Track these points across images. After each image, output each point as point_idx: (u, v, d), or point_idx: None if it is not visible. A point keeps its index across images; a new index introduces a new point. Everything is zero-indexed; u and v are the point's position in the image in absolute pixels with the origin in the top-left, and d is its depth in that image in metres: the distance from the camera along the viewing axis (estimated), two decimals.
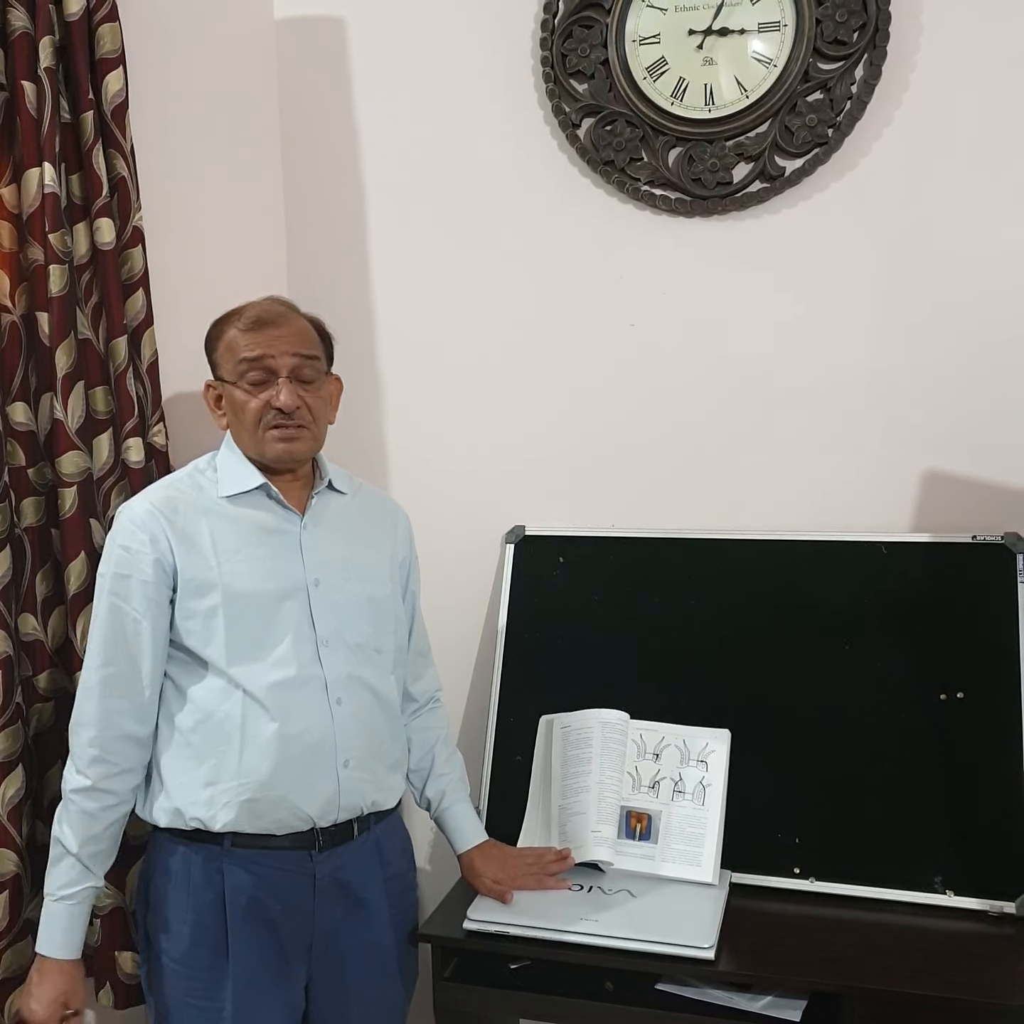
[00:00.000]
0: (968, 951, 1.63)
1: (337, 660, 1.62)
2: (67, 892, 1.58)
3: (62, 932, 1.58)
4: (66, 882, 1.58)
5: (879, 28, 1.87)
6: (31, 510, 1.85)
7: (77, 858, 1.57)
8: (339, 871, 1.64)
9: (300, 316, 1.66)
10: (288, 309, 1.66)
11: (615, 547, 2.05)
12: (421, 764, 1.82)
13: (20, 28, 1.76)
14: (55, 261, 1.79)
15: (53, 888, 1.58)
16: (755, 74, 1.93)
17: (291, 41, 2.22)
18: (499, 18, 2.08)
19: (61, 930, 1.58)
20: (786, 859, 1.83)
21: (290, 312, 1.65)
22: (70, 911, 1.58)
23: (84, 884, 1.58)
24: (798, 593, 1.93)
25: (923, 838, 1.78)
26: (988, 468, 1.91)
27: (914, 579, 1.88)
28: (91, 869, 1.59)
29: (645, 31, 1.97)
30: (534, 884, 1.76)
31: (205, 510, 1.62)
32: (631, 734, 1.89)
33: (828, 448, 2.00)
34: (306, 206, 2.25)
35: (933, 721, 1.82)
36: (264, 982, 1.60)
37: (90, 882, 1.59)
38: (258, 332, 1.60)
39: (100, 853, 1.60)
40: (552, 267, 2.11)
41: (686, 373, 2.06)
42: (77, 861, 1.57)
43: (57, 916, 1.58)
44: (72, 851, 1.57)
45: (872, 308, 1.96)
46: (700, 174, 1.98)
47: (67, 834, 1.58)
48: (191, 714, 1.58)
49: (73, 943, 1.59)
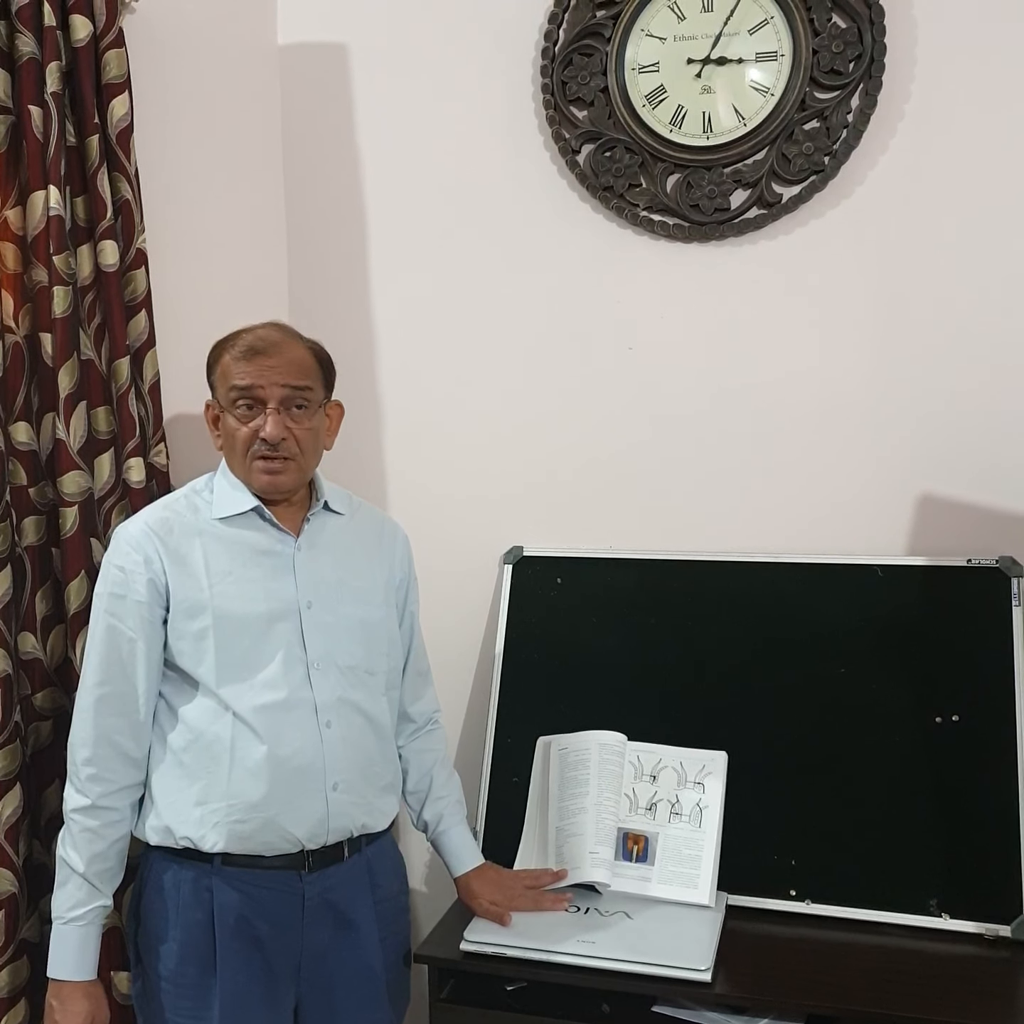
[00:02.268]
0: (964, 974, 1.63)
1: (327, 683, 1.62)
2: (77, 913, 1.56)
3: (75, 954, 1.56)
4: (74, 903, 1.56)
5: (875, 59, 1.90)
6: (32, 529, 1.86)
7: (84, 878, 1.56)
8: (328, 892, 1.63)
9: (298, 344, 1.64)
10: (285, 337, 1.63)
11: (613, 569, 2.06)
12: (419, 786, 1.82)
13: (27, 54, 1.78)
14: (59, 282, 1.80)
15: (62, 911, 1.57)
16: (753, 102, 1.96)
17: (294, 67, 2.25)
18: (500, 46, 2.11)
19: (74, 952, 1.56)
20: (782, 881, 1.83)
21: (286, 340, 1.63)
22: (81, 932, 1.56)
23: (93, 904, 1.57)
24: (794, 616, 1.94)
25: (919, 861, 1.79)
26: (984, 492, 1.93)
27: (909, 602, 1.89)
28: (99, 888, 1.57)
29: (644, 59, 2.00)
30: (531, 905, 1.76)
31: (199, 531, 1.62)
32: (628, 756, 1.90)
33: (824, 472, 2.01)
34: (308, 230, 2.27)
35: (928, 744, 1.82)
36: (252, 1002, 1.59)
37: (99, 901, 1.58)
38: (250, 361, 1.59)
39: (107, 871, 1.59)
40: (551, 292, 2.13)
41: (684, 397, 2.07)
42: (84, 881, 1.56)
43: (68, 938, 1.56)
44: (79, 871, 1.56)
45: (869, 334, 1.97)
46: (698, 200, 2.00)
47: (72, 855, 1.56)
48: (182, 734, 1.59)
49: (88, 964, 1.57)
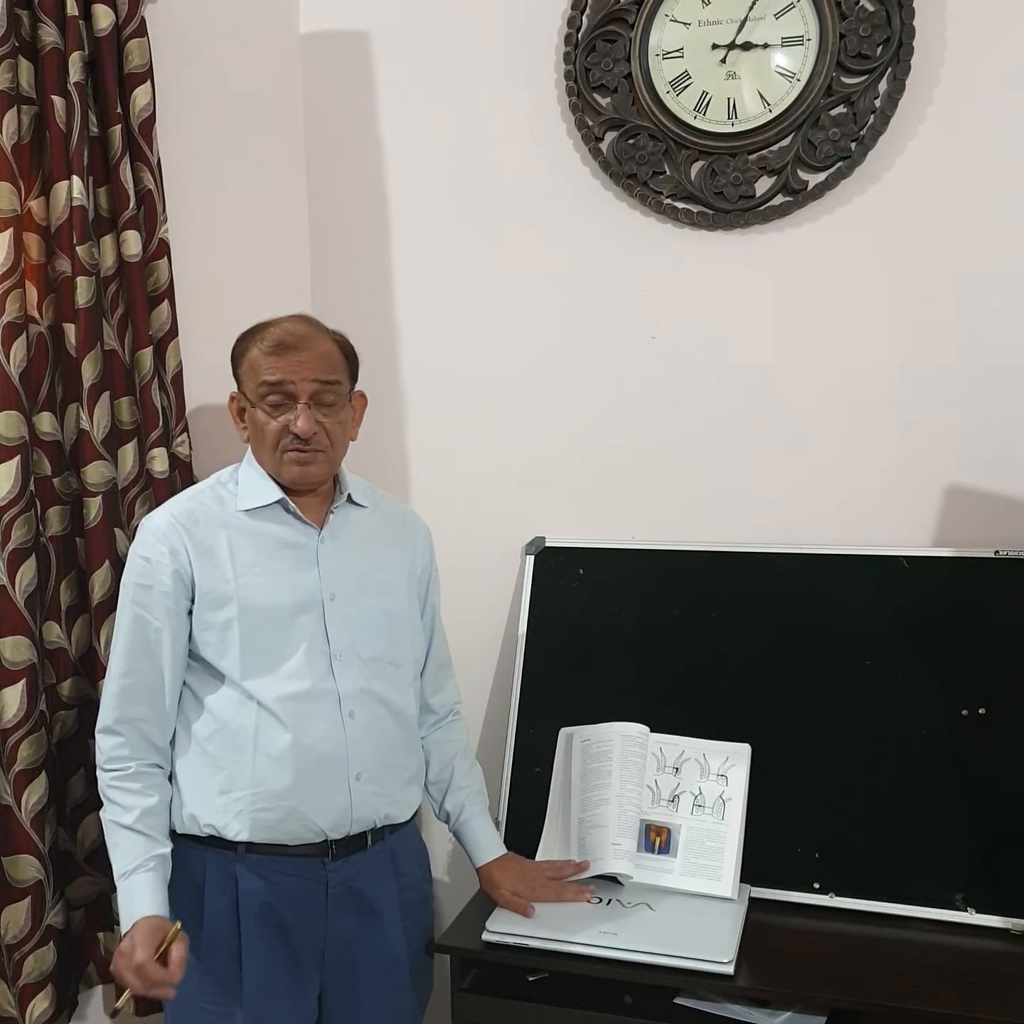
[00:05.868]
0: (989, 969, 1.62)
1: (351, 674, 1.63)
2: (139, 862, 1.52)
3: (144, 896, 1.50)
4: (133, 856, 1.52)
5: (903, 42, 1.87)
6: (56, 519, 1.87)
7: (136, 831, 1.53)
8: (352, 880, 1.64)
9: (324, 337, 1.64)
10: (312, 330, 1.63)
11: (635, 559, 2.05)
12: (440, 777, 1.82)
13: (50, 44, 1.78)
14: (82, 273, 1.81)
15: (122, 867, 1.52)
16: (778, 88, 1.93)
17: (316, 55, 2.24)
18: (523, 32, 2.09)
19: (143, 895, 1.50)
20: (805, 874, 1.82)
21: (314, 334, 1.62)
22: (147, 878, 1.51)
23: (153, 852, 1.53)
24: (819, 607, 1.93)
25: (944, 854, 1.77)
26: (1011, 482, 1.91)
27: (936, 593, 1.87)
28: (155, 837, 1.54)
29: (668, 45, 1.98)
30: (553, 896, 1.76)
31: (225, 523, 1.63)
32: (651, 747, 1.89)
33: (850, 462, 1.99)
34: (330, 220, 2.27)
35: (954, 737, 1.81)
36: (277, 988, 1.60)
37: (158, 849, 1.54)
38: (280, 356, 1.59)
39: (159, 825, 1.56)
40: (574, 280, 2.11)
41: (707, 386, 2.06)
42: (138, 834, 1.53)
43: (134, 887, 1.51)
44: (129, 824, 1.53)
45: (894, 322, 1.95)
46: (723, 188, 1.99)
47: (120, 815, 1.54)
48: (207, 723, 1.60)
49: (157, 902, 1.50)
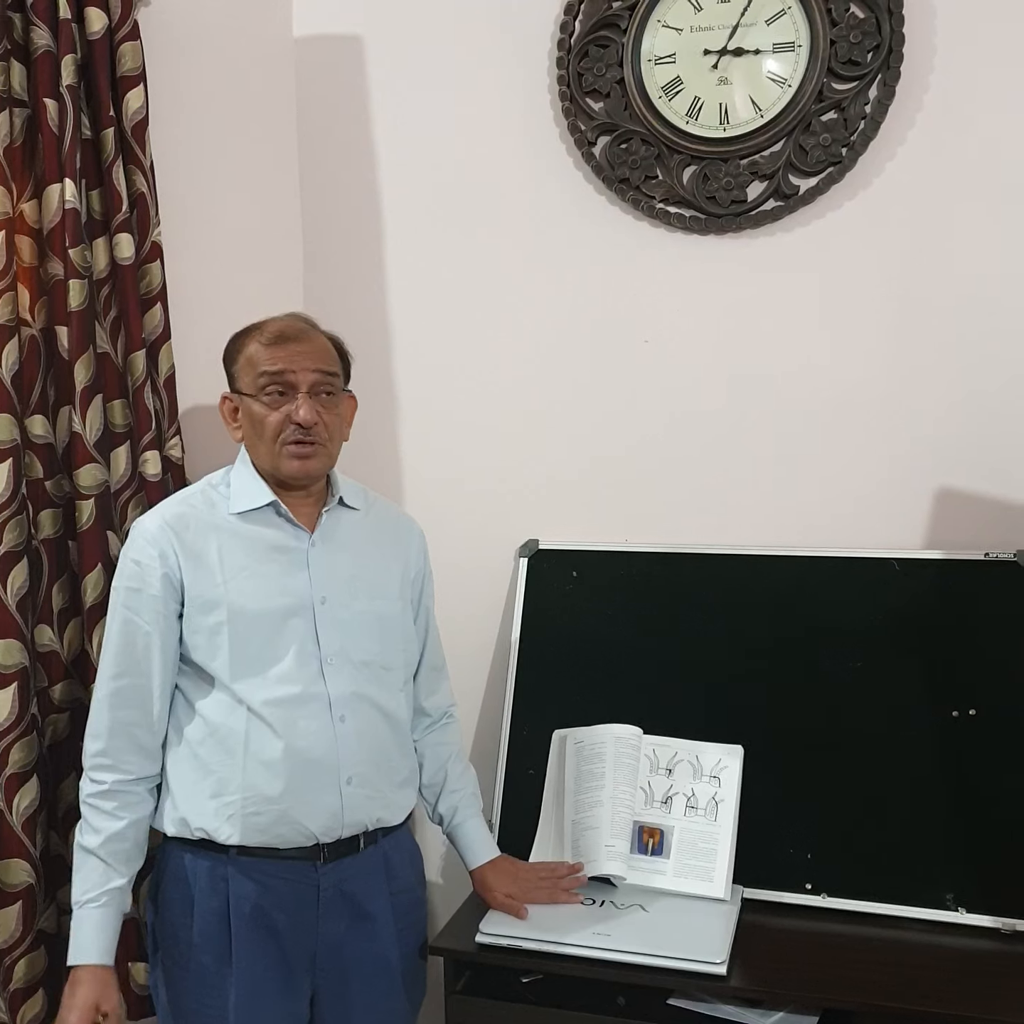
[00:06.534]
0: (980, 969, 1.63)
1: (341, 678, 1.63)
2: (92, 895, 1.55)
3: (89, 937, 1.54)
4: (90, 885, 1.55)
5: (893, 49, 1.88)
6: (48, 522, 1.86)
7: (98, 857, 1.55)
8: (344, 883, 1.63)
9: (320, 333, 1.68)
10: (309, 326, 1.67)
11: (629, 562, 2.05)
12: (434, 780, 1.82)
13: (43, 46, 1.78)
14: (75, 276, 1.81)
15: (78, 895, 1.56)
16: (770, 94, 1.95)
17: (310, 59, 2.24)
18: (516, 37, 2.10)
19: (88, 935, 1.54)
20: (798, 875, 1.83)
21: (311, 329, 1.67)
22: (97, 915, 1.55)
23: (108, 884, 1.55)
24: (810, 609, 1.94)
25: (935, 855, 1.78)
26: (1001, 486, 1.92)
27: (926, 596, 1.88)
28: (114, 867, 1.56)
29: (661, 51, 1.99)
30: (547, 898, 1.77)
31: (215, 527, 1.63)
32: (644, 749, 1.90)
33: (841, 465, 2.00)
34: (323, 223, 2.27)
35: (945, 738, 1.82)
36: (268, 991, 1.60)
37: (114, 882, 1.56)
38: (281, 347, 1.61)
39: (122, 852, 1.57)
40: (567, 284, 2.12)
41: (699, 389, 2.07)
42: (99, 861, 1.55)
43: (83, 922, 1.55)
44: (92, 849, 1.55)
45: (886, 326, 1.97)
46: (715, 192, 2.00)
47: (87, 838, 1.56)
48: (199, 727, 1.60)
49: (102, 947, 1.55)
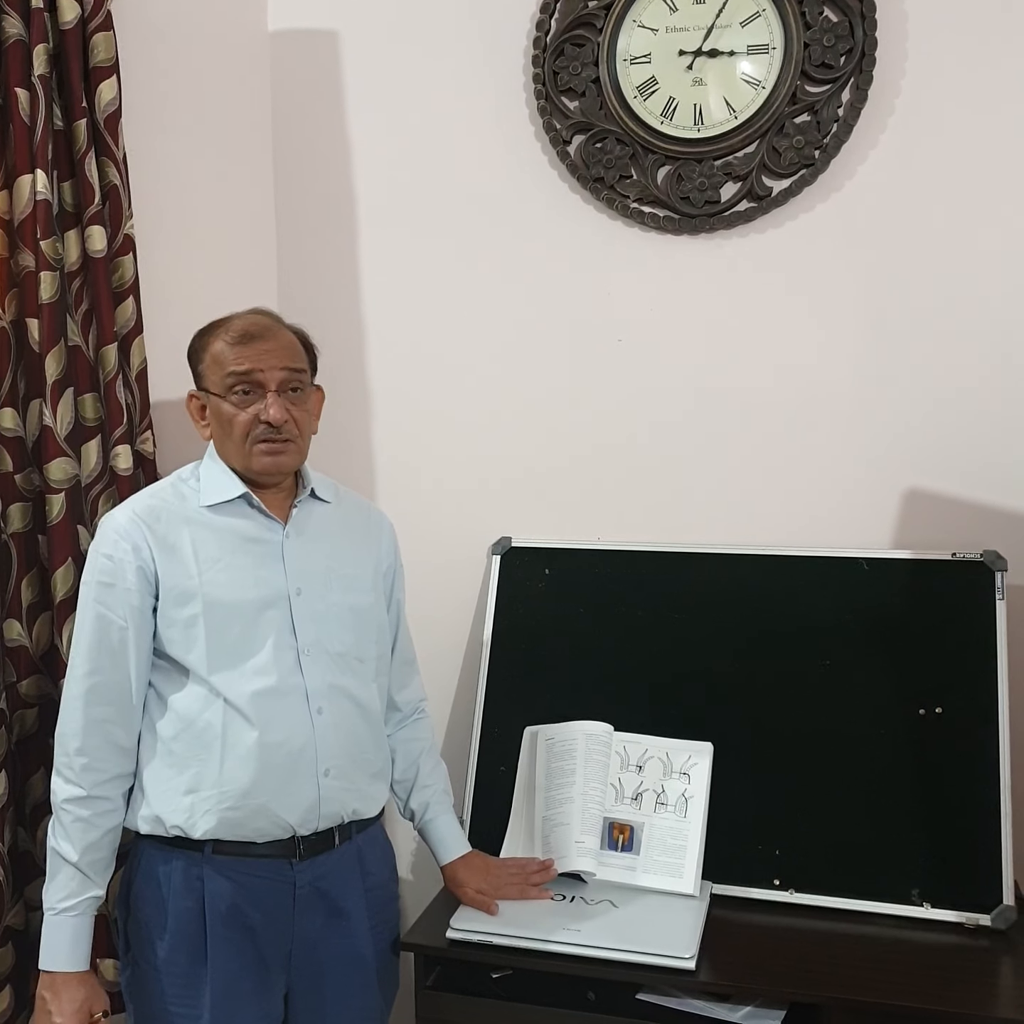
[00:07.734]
0: (945, 963, 1.65)
1: (318, 669, 1.62)
2: (69, 904, 1.55)
3: (69, 945, 1.54)
4: (67, 894, 1.55)
5: (865, 53, 1.90)
6: (18, 516, 1.85)
7: (77, 868, 1.55)
8: (319, 880, 1.63)
9: (285, 328, 1.66)
10: (273, 321, 1.65)
11: (600, 560, 2.06)
12: (405, 775, 1.82)
13: (14, 36, 1.76)
14: (46, 268, 1.79)
15: (53, 901, 1.55)
16: (744, 95, 1.96)
17: (284, 53, 2.23)
18: (492, 35, 2.10)
19: (67, 943, 1.54)
20: (766, 871, 1.84)
21: (276, 325, 1.64)
22: (74, 923, 1.54)
23: (86, 894, 1.55)
24: (780, 608, 1.95)
25: (901, 851, 1.80)
26: (969, 487, 1.94)
27: (894, 595, 1.90)
28: (91, 878, 1.56)
29: (636, 51, 2.00)
30: (517, 894, 1.77)
31: (187, 519, 1.62)
32: (615, 746, 1.91)
33: (811, 465, 2.02)
34: (297, 217, 2.26)
35: (912, 736, 1.84)
36: (243, 990, 1.59)
37: (92, 892, 1.56)
38: (246, 346, 1.59)
39: (99, 861, 1.57)
40: (541, 282, 2.12)
41: (672, 390, 2.08)
42: (77, 871, 1.55)
43: (60, 930, 1.54)
44: (71, 861, 1.54)
45: (856, 328, 1.98)
46: (688, 192, 2.01)
47: (64, 846, 1.55)
48: (172, 722, 1.58)
49: (82, 955, 1.55)
